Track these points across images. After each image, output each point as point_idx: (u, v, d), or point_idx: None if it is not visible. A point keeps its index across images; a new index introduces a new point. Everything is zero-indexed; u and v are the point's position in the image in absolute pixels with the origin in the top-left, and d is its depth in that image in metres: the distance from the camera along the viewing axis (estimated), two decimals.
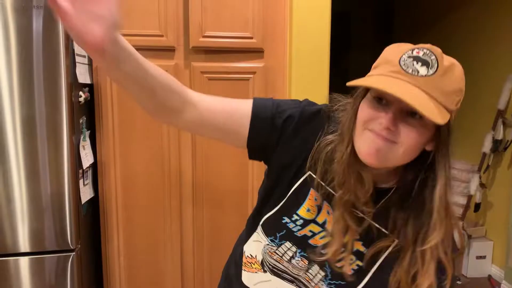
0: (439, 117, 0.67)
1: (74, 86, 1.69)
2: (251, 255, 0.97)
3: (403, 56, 0.73)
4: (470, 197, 3.26)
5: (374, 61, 0.85)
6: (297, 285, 0.91)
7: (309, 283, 0.89)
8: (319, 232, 0.86)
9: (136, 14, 1.84)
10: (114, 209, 1.93)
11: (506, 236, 3.03)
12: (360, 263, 0.83)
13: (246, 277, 0.98)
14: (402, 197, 0.80)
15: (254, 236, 0.97)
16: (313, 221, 0.86)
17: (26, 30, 1.55)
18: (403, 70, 0.71)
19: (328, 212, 0.85)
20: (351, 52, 5.71)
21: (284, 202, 0.88)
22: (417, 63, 0.71)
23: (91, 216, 1.94)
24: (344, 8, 5.38)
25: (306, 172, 0.85)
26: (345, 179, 0.79)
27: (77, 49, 1.71)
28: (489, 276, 3.23)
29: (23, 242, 1.63)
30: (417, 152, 0.74)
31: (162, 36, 1.87)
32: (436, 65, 0.71)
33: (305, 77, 2.01)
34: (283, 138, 0.84)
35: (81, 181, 1.76)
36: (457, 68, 0.74)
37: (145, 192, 1.93)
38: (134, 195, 1.93)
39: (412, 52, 0.73)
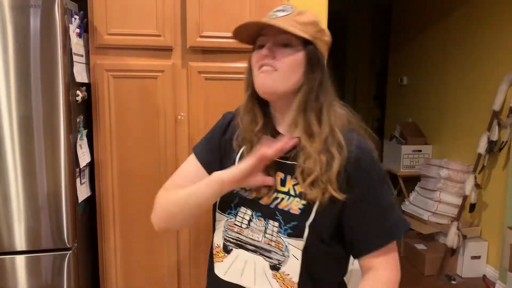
0: (292, 29, 0.90)
1: (71, 85, 1.69)
2: (217, 245, 1.06)
3: (268, 14, 0.99)
4: (465, 198, 3.28)
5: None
6: (260, 254, 0.99)
7: (270, 245, 0.98)
8: (268, 192, 0.99)
9: (134, 14, 1.85)
10: (111, 208, 1.93)
11: (501, 236, 3.05)
12: (304, 202, 0.95)
13: (217, 267, 1.06)
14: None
15: (216, 225, 1.07)
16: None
17: (24, 29, 1.55)
18: (267, 18, 0.97)
19: (281, 178, 1.00)
20: (347, 52, 5.73)
21: None
22: (276, 12, 0.97)
23: (88, 215, 1.94)
24: (341, 9, 5.39)
25: (240, 148, 1.05)
26: (243, 119, 1.03)
27: (75, 48, 1.71)
28: (484, 276, 3.25)
29: (20, 241, 1.64)
30: (295, 76, 0.95)
31: (159, 35, 1.88)
32: (291, 10, 0.96)
33: None
34: (223, 147, 1.08)
35: (78, 180, 1.76)
36: (310, 12, 0.98)
37: (142, 191, 1.93)
38: (131, 194, 1.94)
39: (274, 9, 0.99)
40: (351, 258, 1.05)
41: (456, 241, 3.15)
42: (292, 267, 0.96)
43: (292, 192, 0.98)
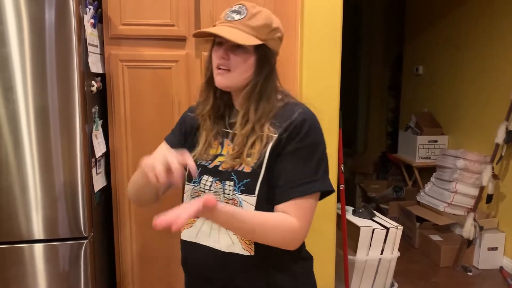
0: (243, 40, 1.04)
1: (86, 75, 1.70)
2: None
3: (226, 12, 1.10)
4: (482, 188, 3.24)
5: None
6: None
7: (228, 203, 1.09)
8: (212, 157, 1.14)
9: (148, 3, 1.84)
10: (126, 198, 1.95)
11: None
12: (255, 160, 1.07)
13: (186, 233, 1.20)
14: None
15: (184, 196, 1.20)
16: (220, 154, 1.14)
17: (39, 20, 1.56)
18: (224, 20, 1.09)
19: (228, 145, 1.14)
20: (362, 41, 5.66)
21: (195, 153, 1.18)
22: (233, 13, 1.08)
23: (104, 205, 1.96)
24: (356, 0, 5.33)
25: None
26: (199, 100, 1.20)
27: (89, 38, 1.72)
28: (501, 267, 3.22)
29: (38, 230, 1.66)
30: (248, 73, 1.09)
31: (173, 25, 1.88)
32: (245, 12, 1.07)
33: (317, 69, 2.00)
34: (184, 133, 1.24)
35: (93, 170, 1.78)
36: (263, 13, 1.10)
37: None
38: None
39: (231, 8, 1.10)
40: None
41: (472, 232, 3.12)
42: None
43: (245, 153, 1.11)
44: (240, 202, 1.08)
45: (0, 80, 1.57)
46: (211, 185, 1.13)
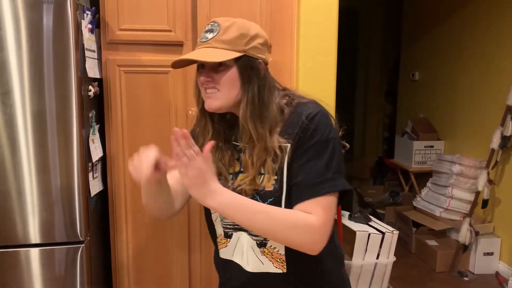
0: (216, 58, 1.01)
1: (83, 80, 1.71)
2: (220, 233, 1.17)
3: (202, 34, 1.08)
4: (478, 194, 3.25)
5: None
6: (249, 233, 1.10)
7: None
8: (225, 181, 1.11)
9: (145, 9, 1.86)
10: (122, 202, 1.95)
11: None
12: (275, 177, 1.05)
13: (222, 253, 1.19)
14: None
15: (213, 217, 1.17)
16: (240, 172, 1.11)
17: (37, 25, 1.57)
18: (200, 42, 1.07)
19: None
20: (359, 47, 5.69)
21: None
22: (206, 33, 1.06)
23: (100, 209, 1.96)
24: (353, 4, 5.36)
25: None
26: (198, 131, 1.17)
27: (87, 43, 1.73)
28: (497, 272, 3.22)
29: (34, 234, 1.66)
30: (236, 89, 1.05)
31: (170, 31, 1.89)
32: (218, 29, 1.04)
33: (313, 73, 2.01)
34: None
35: (90, 174, 1.78)
36: (237, 24, 1.05)
37: None
38: None
39: (205, 28, 1.07)
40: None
41: (468, 237, 3.13)
42: None
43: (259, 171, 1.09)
44: None
45: None
46: None
